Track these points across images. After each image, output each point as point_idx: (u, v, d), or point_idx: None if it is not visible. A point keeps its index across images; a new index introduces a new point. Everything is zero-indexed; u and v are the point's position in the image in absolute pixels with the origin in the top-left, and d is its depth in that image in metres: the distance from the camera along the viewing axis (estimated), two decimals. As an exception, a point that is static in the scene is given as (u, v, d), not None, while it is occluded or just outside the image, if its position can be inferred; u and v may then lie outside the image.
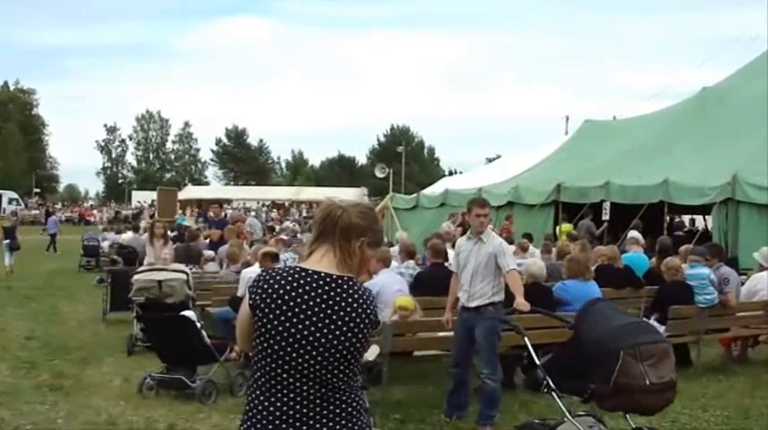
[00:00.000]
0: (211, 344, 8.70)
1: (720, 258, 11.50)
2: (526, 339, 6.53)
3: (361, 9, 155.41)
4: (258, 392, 2.89)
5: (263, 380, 2.89)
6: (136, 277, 11.17)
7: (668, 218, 20.32)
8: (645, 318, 10.26)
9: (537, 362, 6.37)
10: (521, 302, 7.17)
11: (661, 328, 9.86)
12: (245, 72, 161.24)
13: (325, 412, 2.85)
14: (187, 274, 11.36)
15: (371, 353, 4.64)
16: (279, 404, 2.85)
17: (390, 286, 9.23)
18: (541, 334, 7.87)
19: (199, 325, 8.81)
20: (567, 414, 5.97)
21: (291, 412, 2.83)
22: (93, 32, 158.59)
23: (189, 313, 9.08)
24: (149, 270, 11.55)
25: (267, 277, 2.93)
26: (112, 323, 13.14)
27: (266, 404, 2.86)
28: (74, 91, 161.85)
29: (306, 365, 2.83)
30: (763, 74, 20.49)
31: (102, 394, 8.67)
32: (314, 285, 2.88)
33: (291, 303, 2.85)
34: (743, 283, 11.40)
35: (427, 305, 9.15)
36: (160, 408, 8.14)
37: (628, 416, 6.03)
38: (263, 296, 2.88)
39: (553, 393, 6.05)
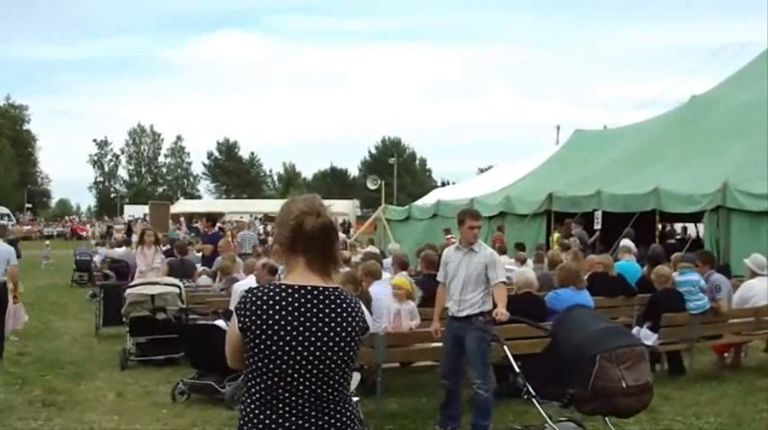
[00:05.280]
0: None
1: (711, 265, 11.53)
2: (505, 347, 6.70)
3: (351, 23, 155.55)
4: (253, 406, 2.88)
5: (257, 395, 2.88)
6: (129, 291, 11.22)
7: (660, 226, 20.39)
8: (638, 326, 10.32)
9: (517, 369, 6.50)
10: (501, 312, 7.21)
11: (654, 336, 9.91)
12: (236, 85, 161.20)
13: (320, 423, 2.85)
14: (180, 288, 11.41)
15: (354, 381, 4.57)
16: (274, 417, 2.85)
17: (382, 298, 9.23)
18: (530, 343, 7.89)
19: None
20: (548, 419, 6.09)
21: (287, 424, 2.84)
22: (83, 47, 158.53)
23: (220, 322, 9.17)
24: (142, 284, 11.58)
25: (254, 298, 2.87)
26: (105, 338, 13.09)
27: (261, 417, 2.86)
28: (65, 106, 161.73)
29: (302, 380, 2.83)
30: (752, 81, 20.64)
31: (96, 409, 8.64)
32: (303, 301, 2.86)
33: (283, 322, 2.82)
34: (735, 290, 11.42)
35: (420, 316, 9.15)
36: (154, 423, 8.12)
37: (607, 420, 6.14)
38: (253, 318, 2.84)
39: (533, 399, 6.19)
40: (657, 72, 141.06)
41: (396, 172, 71.68)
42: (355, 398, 4.07)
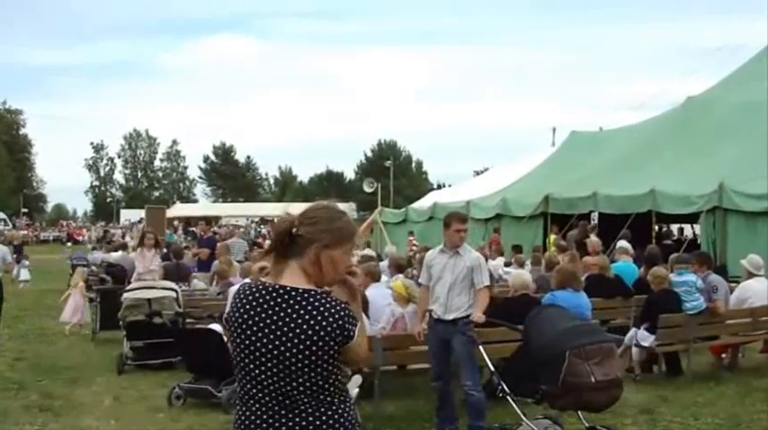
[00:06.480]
0: None
1: (708, 266, 11.52)
2: (481, 348, 6.89)
3: (346, 26, 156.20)
4: (239, 401, 2.99)
5: (239, 390, 2.99)
6: (125, 295, 11.19)
7: (656, 227, 20.40)
8: (635, 327, 10.31)
9: (492, 368, 6.65)
10: (477, 315, 7.39)
11: (651, 337, 9.90)
12: (232, 89, 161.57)
13: (290, 424, 2.85)
14: (176, 292, 11.38)
15: (353, 384, 4.52)
16: (248, 413, 2.92)
17: (380, 300, 9.23)
18: (517, 346, 7.90)
19: (225, 338, 8.86)
20: (523, 416, 6.26)
21: (259, 421, 2.88)
22: (78, 52, 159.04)
23: (216, 327, 9.16)
24: (139, 288, 11.55)
25: (239, 292, 3.00)
26: (102, 342, 13.05)
27: (239, 414, 2.96)
28: (60, 110, 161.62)
29: (264, 377, 2.86)
30: (748, 82, 20.65)
31: (92, 414, 8.61)
32: (268, 298, 2.89)
33: (246, 316, 2.91)
34: (732, 292, 11.41)
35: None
36: (151, 427, 8.11)
37: (581, 415, 6.27)
38: (232, 310, 2.98)
39: (508, 397, 6.34)
40: (653, 73, 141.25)
41: (392, 174, 71.69)
42: (355, 390, 4.02)
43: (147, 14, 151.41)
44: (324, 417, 2.87)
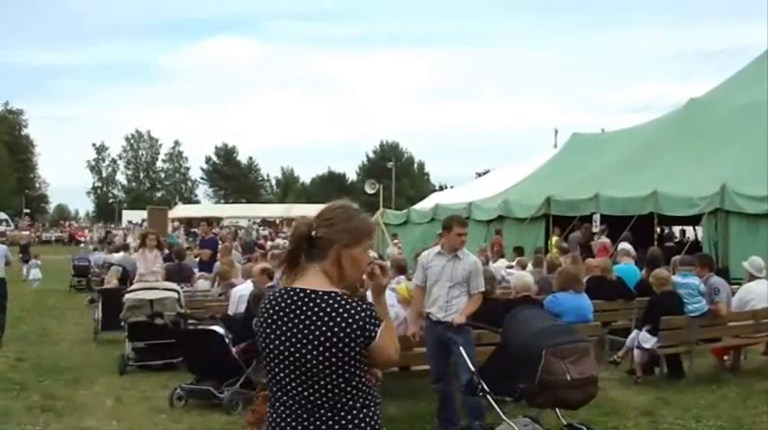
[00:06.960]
0: (238, 354, 8.77)
1: (710, 268, 11.51)
2: (461, 348, 7.03)
3: (347, 27, 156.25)
4: (268, 405, 3.02)
5: (269, 396, 3.02)
6: (127, 296, 11.20)
7: (658, 229, 20.37)
8: (637, 329, 10.31)
9: (472, 368, 6.78)
10: (458, 318, 7.50)
11: (653, 339, 9.90)
12: (234, 90, 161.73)
13: (312, 428, 2.86)
14: (178, 293, 11.38)
15: None
16: (274, 415, 2.94)
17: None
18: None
19: (227, 339, 8.88)
20: (503, 415, 6.37)
21: (284, 424, 2.90)
22: (80, 53, 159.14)
23: (218, 328, 9.17)
24: (141, 289, 11.56)
25: (265, 299, 3.01)
26: (104, 343, 13.06)
27: (268, 418, 2.98)
28: (62, 112, 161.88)
29: (288, 381, 2.88)
30: (750, 84, 20.63)
31: (94, 414, 8.62)
32: (290, 301, 2.91)
33: (270, 320, 2.93)
34: (734, 294, 11.41)
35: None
36: (153, 428, 8.11)
37: (559, 412, 6.41)
38: (258, 318, 2.99)
39: (488, 396, 6.45)
40: (655, 75, 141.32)
41: (394, 176, 71.67)
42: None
43: (146, 15, 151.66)
44: (343, 421, 2.88)
